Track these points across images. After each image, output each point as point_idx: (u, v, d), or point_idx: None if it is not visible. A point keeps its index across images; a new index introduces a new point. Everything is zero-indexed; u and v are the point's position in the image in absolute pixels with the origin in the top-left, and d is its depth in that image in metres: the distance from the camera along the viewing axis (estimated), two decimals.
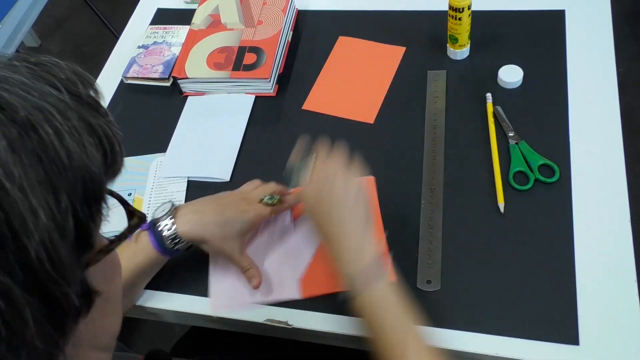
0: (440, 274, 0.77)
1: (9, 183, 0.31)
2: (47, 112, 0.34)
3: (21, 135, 0.32)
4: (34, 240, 0.32)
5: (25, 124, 0.33)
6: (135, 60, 1.09)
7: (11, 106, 0.33)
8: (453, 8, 0.91)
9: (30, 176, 0.32)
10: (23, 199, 0.32)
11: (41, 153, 0.33)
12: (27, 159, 0.32)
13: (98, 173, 0.36)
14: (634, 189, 0.85)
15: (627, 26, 2.02)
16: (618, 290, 0.72)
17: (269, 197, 0.78)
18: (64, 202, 0.34)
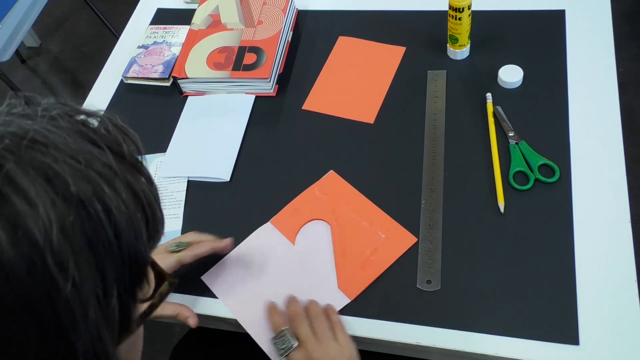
0: (440, 274, 0.77)
1: (63, 279, 0.29)
2: (95, 184, 0.32)
3: (72, 215, 0.30)
4: (81, 338, 0.31)
5: (75, 200, 0.31)
6: (135, 60, 1.09)
7: (61, 180, 0.31)
8: (453, 8, 0.91)
9: (82, 266, 0.30)
10: (75, 295, 0.30)
11: (91, 234, 0.31)
12: (78, 244, 0.30)
13: (143, 251, 0.35)
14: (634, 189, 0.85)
15: (627, 26, 2.02)
16: (618, 291, 0.72)
17: (175, 245, 0.75)
18: (112, 289, 0.32)
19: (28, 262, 0.28)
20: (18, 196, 0.29)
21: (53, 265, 0.29)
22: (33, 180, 0.30)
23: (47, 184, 0.30)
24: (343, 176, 0.89)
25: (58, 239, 0.29)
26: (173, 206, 0.90)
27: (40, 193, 0.30)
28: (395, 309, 0.75)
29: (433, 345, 0.72)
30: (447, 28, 0.96)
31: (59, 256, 0.29)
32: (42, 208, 0.29)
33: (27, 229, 0.29)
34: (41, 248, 0.29)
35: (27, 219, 0.29)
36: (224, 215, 0.87)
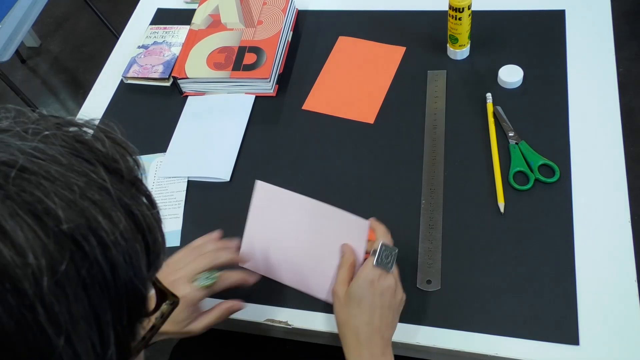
0: (440, 274, 0.77)
1: (55, 334, 0.27)
2: (90, 216, 0.30)
3: (64, 258, 0.28)
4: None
5: (69, 239, 0.28)
6: (135, 60, 1.09)
7: (52, 216, 0.28)
8: (453, 8, 0.91)
9: (75, 316, 0.28)
10: (67, 349, 0.28)
11: (85, 275, 0.29)
12: (72, 291, 0.28)
13: (142, 285, 0.33)
14: (634, 189, 0.85)
15: (627, 26, 2.02)
16: (618, 290, 0.72)
17: (203, 279, 0.69)
18: (108, 333, 0.30)
19: (17, 318, 0.26)
20: (5, 243, 0.27)
21: (45, 319, 0.27)
22: (21, 223, 0.27)
23: (36, 224, 0.28)
24: (343, 176, 0.89)
25: (49, 289, 0.27)
26: (173, 206, 0.90)
27: (29, 237, 0.27)
28: None
29: (433, 345, 0.72)
30: (447, 28, 0.96)
31: (51, 308, 0.27)
32: (31, 256, 0.27)
33: (16, 280, 0.26)
34: (31, 301, 0.27)
35: (15, 269, 0.26)
36: (224, 215, 0.87)
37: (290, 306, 0.78)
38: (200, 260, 0.70)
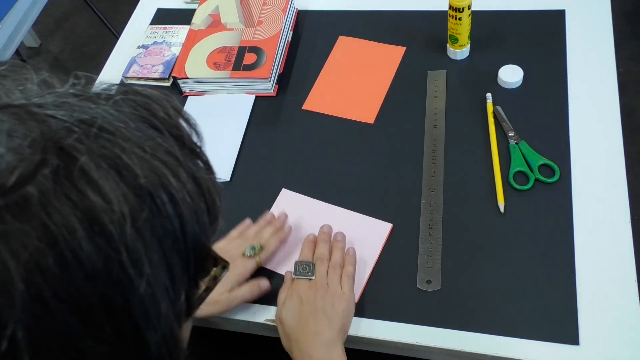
0: (440, 274, 0.77)
1: (138, 278, 0.29)
2: (161, 175, 0.31)
3: (142, 209, 0.30)
4: (154, 335, 0.31)
5: (145, 193, 0.30)
6: (135, 60, 1.09)
7: (131, 172, 0.30)
8: (453, 8, 0.91)
9: (154, 263, 0.30)
10: (149, 294, 0.30)
11: (159, 227, 0.31)
12: (149, 240, 0.30)
13: (206, 241, 0.35)
14: (634, 189, 0.85)
15: (627, 26, 2.02)
16: (618, 290, 0.72)
17: (250, 249, 0.78)
18: (179, 283, 0.32)
19: (104, 259, 0.28)
20: (93, 191, 0.28)
21: (128, 262, 0.29)
22: (106, 174, 0.29)
23: (118, 177, 0.30)
24: (343, 176, 0.89)
25: (131, 235, 0.29)
26: None
27: (114, 187, 0.29)
28: (395, 309, 0.75)
29: (433, 345, 0.72)
30: (447, 28, 0.96)
31: (134, 253, 0.29)
32: (116, 203, 0.29)
33: (103, 224, 0.28)
34: (116, 244, 0.29)
35: (102, 214, 0.28)
36: (224, 215, 0.87)
37: None
38: (245, 241, 0.80)
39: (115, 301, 0.29)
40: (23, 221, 0.26)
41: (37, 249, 0.26)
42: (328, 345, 0.69)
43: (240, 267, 0.77)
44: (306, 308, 0.71)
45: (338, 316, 0.71)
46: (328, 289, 0.73)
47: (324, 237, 0.80)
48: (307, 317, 0.70)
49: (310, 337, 0.69)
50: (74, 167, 0.28)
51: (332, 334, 0.69)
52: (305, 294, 0.73)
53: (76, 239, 0.27)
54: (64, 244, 0.27)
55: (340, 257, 0.77)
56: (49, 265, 0.26)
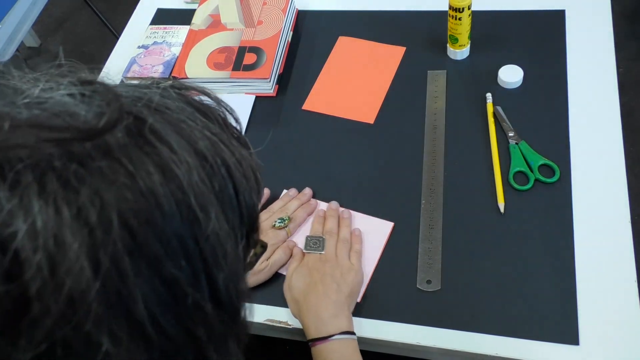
0: (440, 274, 0.77)
1: (203, 215, 0.32)
2: (214, 142, 0.35)
3: (204, 166, 0.34)
4: (222, 272, 0.34)
5: (201, 155, 0.34)
6: (135, 60, 1.09)
7: (190, 136, 0.34)
8: (453, 8, 0.91)
9: (216, 208, 0.34)
10: (215, 234, 0.33)
11: (215, 184, 0.34)
12: (211, 191, 0.33)
13: (256, 204, 0.38)
14: (634, 189, 0.85)
15: (627, 26, 2.02)
16: (618, 291, 0.72)
17: (279, 221, 0.82)
18: (239, 234, 0.36)
19: (176, 201, 0.31)
20: (162, 144, 0.32)
21: (196, 206, 0.32)
22: (171, 134, 0.33)
23: (181, 138, 0.33)
24: (343, 176, 0.89)
25: (198, 184, 0.33)
26: None
27: (180, 144, 0.33)
28: (395, 309, 0.75)
29: (433, 345, 0.72)
30: (447, 28, 0.96)
31: (201, 199, 0.32)
32: (182, 155, 0.32)
33: (173, 172, 0.32)
34: (185, 190, 0.32)
35: (172, 164, 0.32)
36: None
37: None
38: (272, 214, 0.84)
39: (187, 239, 0.32)
40: (110, 160, 0.30)
41: (123, 184, 0.30)
42: (336, 306, 0.71)
43: (273, 238, 0.81)
44: (315, 275, 0.75)
45: (346, 283, 0.74)
46: (337, 261, 0.77)
47: (332, 213, 0.84)
48: (316, 281, 0.74)
49: (319, 297, 0.72)
50: (144, 126, 0.32)
51: (340, 296, 0.72)
52: (315, 265, 0.76)
53: (152, 182, 0.31)
54: (143, 184, 0.30)
55: (347, 233, 0.81)
56: (132, 199, 0.30)
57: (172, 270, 0.31)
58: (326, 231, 0.81)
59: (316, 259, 0.78)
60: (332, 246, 0.79)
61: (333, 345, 0.69)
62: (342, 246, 0.79)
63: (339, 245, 0.79)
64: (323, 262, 0.77)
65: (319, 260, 0.77)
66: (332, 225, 0.82)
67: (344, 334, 0.69)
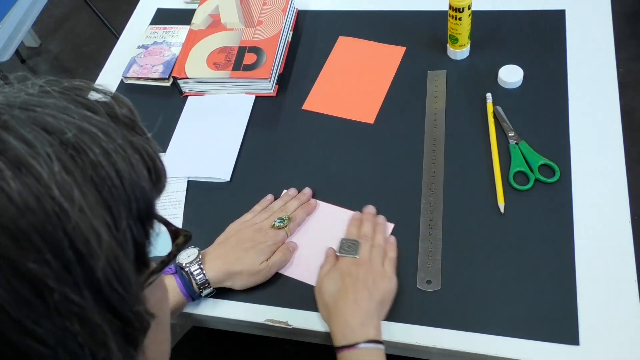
0: (440, 274, 0.77)
1: (69, 205, 0.31)
2: (90, 132, 0.34)
3: (71, 155, 0.33)
4: (99, 261, 0.32)
5: (73, 145, 0.33)
6: (135, 60, 1.09)
7: (57, 129, 0.33)
8: (453, 8, 0.91)
9: (88, 197, 0.32)
10: (85, 220, 0.32)
11: (92, 173, 0.33)
12: (81, 179, 0.32)
13: (148, 190, 0.37)
14: (634, 189, 0.85)
15: (627, 26, 2.02)
16: (618, 290, 0.72)
17: (279, 220, 0.82)
18: (120, 220, 0.34)
19: (35, 194, 0.31)
20: (17, 139, 0.31)
21: (59, 195, 0.31)
22: (30, 128, 0.32)
23: (43, 132, 0.33)
24: (343, 176, 0.89)
25: (61, 174, 0.32)
26: (173, 206, 0.90)
27: (38, 137, 0.32)
28: (395, 309, 0.75)
29: (433, 345, 0.72)
30: (447, 28, 0.96)
31: (64, 187, 0.31)
32: (40, 148, 0.32)
33: (30, 165, 0.31)
34: (46, 181, 0.31)
35: (28, 157, 0.31)
36: (224, 215, 0.87)
37: (290, 306, 0.78)
38: (271, 214, 0.84)
39: (53, 231, 0.31)
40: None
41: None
42: (366, 315, 0.70)
43: (273, 238, 0.80)
44: (348, 280, 0.73)
45: (378, 291, 0.73)
46: (371, 266, 0.75)
47: (369, 217, 0.82)
48: (347, 287, 0.72)
49: (348, 304, 0.71)
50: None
51: (370, 305, 0.71)
52: (348, 268, 0.75)
53: (4, 179, 0.30)
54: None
55: (382, 240, 0.79)
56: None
57: (33, 266, 0.30)
58: (362, 235, 0.79)
59: (349, 262, 0.76)
60: (366, 251, 0.77)
61: (359, 354, 0.67)
62: (376, 252, 0.77)
63: (373, 250, 0.77)
64: (356, 266, 0.75)
65: (352, 264, 0.75)
66: (368, 229, 0.80)
67: (371, 343, 0.68)
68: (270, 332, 0.80)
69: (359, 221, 0.82)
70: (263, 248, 0.78)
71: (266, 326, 0.77)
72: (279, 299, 0.78)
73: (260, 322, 0.77)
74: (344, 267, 0.75)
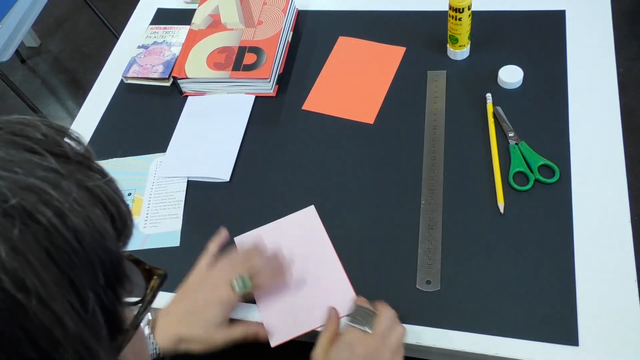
0: (439, 274, 0.77)
1: (24, 296, 0.27)
2: (39, 190, 0.30)
3: (20, 229, 0.28)
4: (66, 353, 0.28)
5: (20, 213, 0.28)
6: (135, 60, 1.09)
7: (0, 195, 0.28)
8: (453, 8, 0.91)
9: (45, 279, 0.28)
10: (44, 311, 0.28)
11: (47, 244, 0.29)
12: (35, 258, 0.28)
13: (113, 248, 0.33)
14: (634, 189, 0.85)
15: (627, 26, 2.02)
16: (618, 291, 0.72)
17: (240, 283, 0.72)
18: (86, 295, 0.30)
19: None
20: None
21: (11, 285, 0.27)
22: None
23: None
24: (343, 176, 0.89)
25: (9, 257, 0.27)
26: (173, 206, 0.90)
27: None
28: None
29: (433, 345, 0.72)
30: (447, 28, 0.96)
31: (15, 275, 0.27)
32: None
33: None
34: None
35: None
36: (224, 215, 0.87)
37: None
38: (233, 266, 0.74)
39: (8, 330, 0.26)
40: None
41: None
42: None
43: (226, 299, 0.71)
44: (358, 350, 0.65)
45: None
46: (385, 344, 0.66)
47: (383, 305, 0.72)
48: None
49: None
50: None
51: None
52: (360, 343, 0.66)
53: None
54: None
55: (394, 313, 0.71)
56: None
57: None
58: (380, 310, 0.70)
59: (360, 336, 0.66)
60: (383, 326, 0.68)
61: None
62: (394, 326, 0.69)
63: (390, 325, 0.68)
64: (367, 341, 0.66)
65: (363, 338, 0.66)
66: (390, 312, 0.70)
67: None
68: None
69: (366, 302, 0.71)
70: (211, 313, 0.70)
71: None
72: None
73: (260, 322, 0.77)
74: (354, 342, 0.66)
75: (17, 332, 0.27)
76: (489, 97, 0.92)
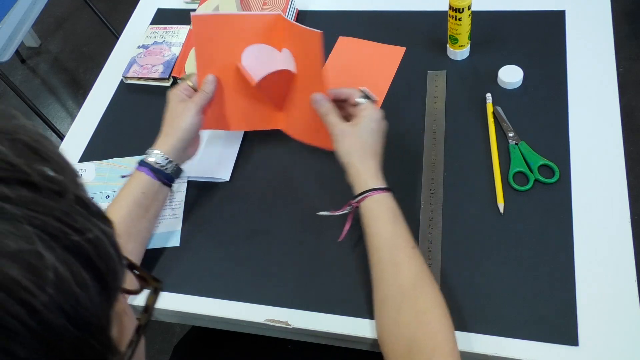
0: (440, 274, 0.77)
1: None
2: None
3: (26, 277, 0.24)
4: None
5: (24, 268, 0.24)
6: (135, 60, 1.09)
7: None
8: (453, 8, 0.91)
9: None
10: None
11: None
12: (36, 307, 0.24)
13: (98, 323, 0.29)
14: (634, 189, 0.85)
15: (627, 26, 2.02)
16: (618, 291, 0.72)
17: (186, 77, 0.87)
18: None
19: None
20: None
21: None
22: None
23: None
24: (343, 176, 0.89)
25: (14, 309, 0.24)
26: (173, 206, 0.90)
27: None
28: None
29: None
30: (447, 28, 0.96)
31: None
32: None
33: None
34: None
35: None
36: (224, 215, 0.87)
37: (290, 306, 0.78)
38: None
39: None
40: None
41: None
42: (380, 166, 0.78)
43: (187, 102, 0.83)
44: (383, 124, 0.80)
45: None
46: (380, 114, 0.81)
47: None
48: (382, 130, 0.80)
49: (379, 152, 0.79)
50: None
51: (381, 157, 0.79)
52: (378, 112, 0.80)
53: None
54: None
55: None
56: None
57: None
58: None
59: (373, 106, 0.80)
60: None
61: (388, 196, 0.74)
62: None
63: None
64: (380, 116, 0.80)
65: (379, 113, 0.80)
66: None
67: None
68: (270, 332, 0.80)
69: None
70: (188, 107, 0.82)
71: (266, 326, 0.77)
72: (279, 299, 0.78)
73: (260, 322, 0.77)
74: (380, 119, 0.79)
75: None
76: (488, 97, 0.92)
